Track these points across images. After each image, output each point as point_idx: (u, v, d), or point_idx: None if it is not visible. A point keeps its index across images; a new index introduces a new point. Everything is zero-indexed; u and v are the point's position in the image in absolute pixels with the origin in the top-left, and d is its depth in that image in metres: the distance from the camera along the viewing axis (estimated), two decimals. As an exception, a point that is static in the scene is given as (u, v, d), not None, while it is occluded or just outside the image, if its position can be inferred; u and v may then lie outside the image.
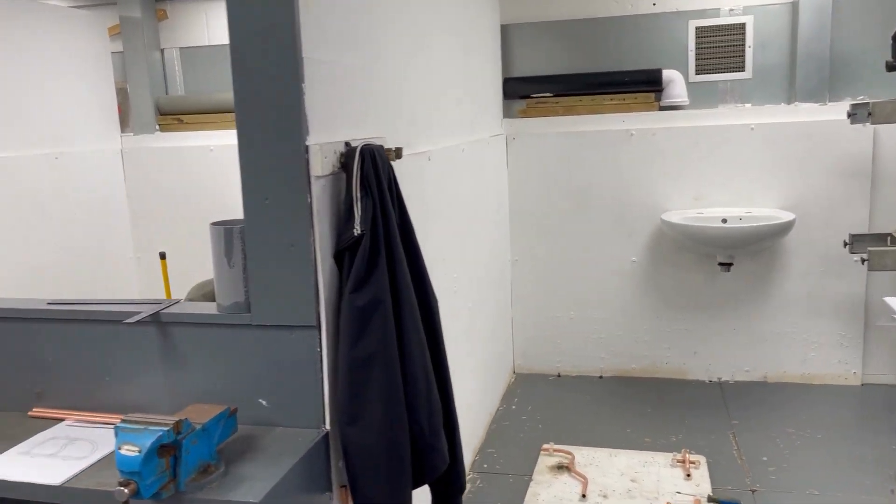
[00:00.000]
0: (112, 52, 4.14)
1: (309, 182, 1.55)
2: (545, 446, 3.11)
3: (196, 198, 4.13)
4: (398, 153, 1.82)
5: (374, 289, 1.57)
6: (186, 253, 4.19)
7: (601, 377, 3.98)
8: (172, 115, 4.23)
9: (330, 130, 1.65)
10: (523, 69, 3.98)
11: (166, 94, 4.32)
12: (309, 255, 1.57)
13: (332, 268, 1.65)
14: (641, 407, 3.57)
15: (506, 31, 3.93)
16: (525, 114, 3.92)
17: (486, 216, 3.49)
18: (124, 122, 4.23)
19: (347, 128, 1.75)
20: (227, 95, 4.31)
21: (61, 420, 1.76)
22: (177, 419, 1.37)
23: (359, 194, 1.60)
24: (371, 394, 1.57)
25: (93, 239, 3.95)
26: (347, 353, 1.57)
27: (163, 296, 3.91)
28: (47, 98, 3.65)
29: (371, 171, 1.61)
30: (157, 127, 4.24)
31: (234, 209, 4.07)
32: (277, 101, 1.54)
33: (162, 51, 4.32)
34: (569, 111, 3.82)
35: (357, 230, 1.58)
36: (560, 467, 2.95)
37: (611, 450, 3.08)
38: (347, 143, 1.68)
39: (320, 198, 1.59)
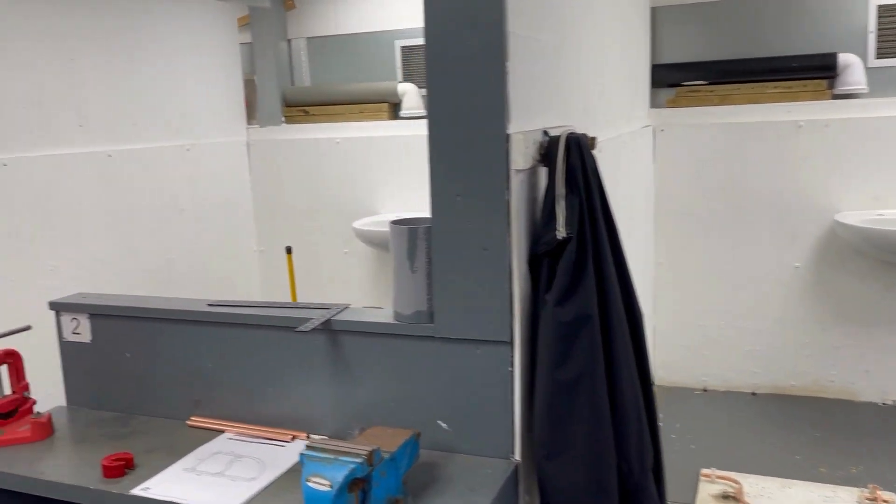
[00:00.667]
0: (240, 43, 4.10)
1: (508, 176, 1.34)
2: (705, 472, 2.80)
3: (321, 191, 4.04)
4: (593, 143, 1.58)
5: (582, 302, 1.34)
6: (310, 247, 4.11)
7: (754, 394, 3.62)
8: (299, 107, 4.15)
9: (527, 117, 1.43)
10: (673, 55, 3.65)
11: (292, 85, 4.25)
12: (504, 261, 1.36)
13: (527, 276, 1.44)
14: (806, 430, 3.20)
15: (655, 15, 3.62)
16: (674, 103, 3.60)
17: (637, 214, 3.21)
18: (250, 114, 4.19)
19: (540, 114, 1.53)
20: (354, 86, 4.22)
21: (221, 432, 1.63)
22: (370, 449, 1.19)
23: (563, 191, 1.37)
24: (575, 424, 1.35)
25: (219, 232, 3.92)
26: (549, 376, 1.35)
27: (286, 290, 3.83)
28: (180, 89, 3.62)
29: (578, 164, 1.38)
30: (283, 119, 4.17)
31: (361, 204, 3.94)
32: (477, 82, 1.33)
33: (289, 41, 4.24)
34: (724, 100, 3.47)
35: (561, 233, 1.35)
36: (726, 497, 2.64)
37: (782, 479, 2.75)
38: (545, 132, 1.46)
39: (518, 195, 1.38)
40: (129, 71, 3.32)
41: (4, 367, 1.68)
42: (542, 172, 1.48)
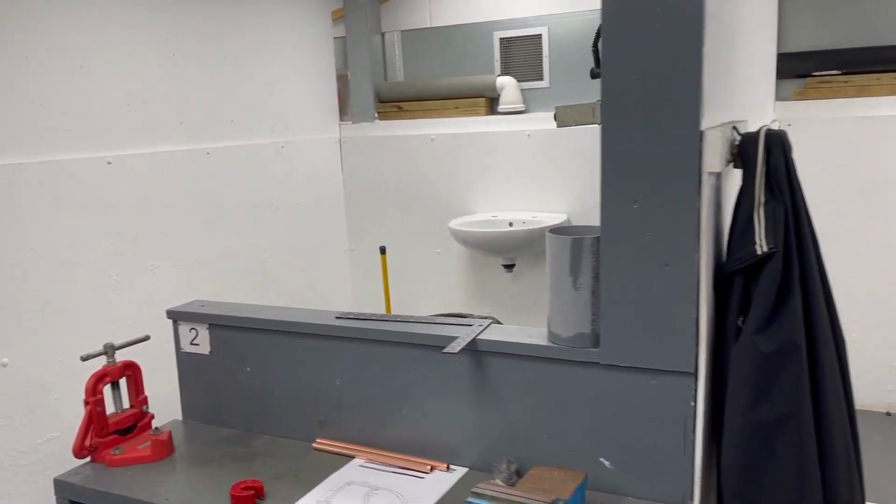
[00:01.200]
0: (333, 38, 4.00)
1: (700, 180, 1.15)
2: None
3: (414, 190, 3.90)
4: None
5: (787, 329, 1.14)
6: (402, 247, 3.99)
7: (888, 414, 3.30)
8: (392, 103, 4.03)
9: (715, 112, 1.23)
10: (800, 43, 3.36)
11: (385, 80, 4.13)
12: (690, 279, 1.17)
13: (711, 296, 1.24)
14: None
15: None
16: (802, 96, 3.30)
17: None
18: (342, 110, 4.09)
19: (723, 108, 1.33)
20: (449, 81, 4.06)
21: (350, 457, 1.50)
22: (552, 499, 1.02)
23: (763, 197, 1.17)
24: (777, 471, 1.15)
25: (311, 231, 3.84)
26: (745, 415, 1.15)
27: (376, 291, 3.71)
28: (275, 84, 3.54)
29: (781, 166, 1.17)
30: (376, 115, 4.05)
31: (456, 204, 3.78)
32: (667, 71, 1.14)
33: (382, 34, 4.12)
34: (862, 92, 3.16)
35: (761, 247, 1.15)
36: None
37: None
38: (735, 128, 1.26)
39: (708, 202, 1.18)
40: (226, 67, 3.25)
41: (123, 380, 1.59)
42: (732, 175, 1.28)
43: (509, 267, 3.63)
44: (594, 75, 2.87)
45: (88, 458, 1.52)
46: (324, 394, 1.53)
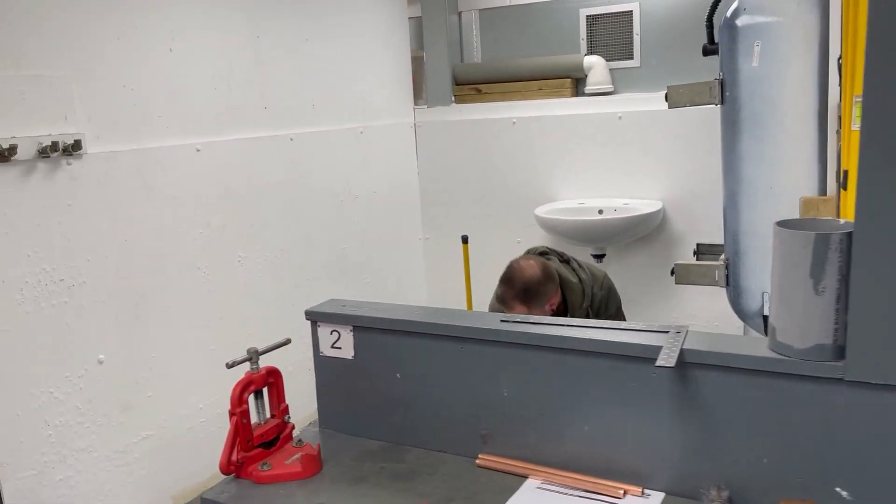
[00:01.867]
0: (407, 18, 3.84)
1: None
2: None
3: (493, 176, 3.74)
4: None
5: None
6: (479, 236, 3.82)
7: None
8: (470, 85, 3.85)
9: None
10: None
11: (462, 61, 3.95)
12: (970, 283, 1.00)
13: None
14: None
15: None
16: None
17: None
18: (417, 94, 3.93)
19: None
20: (532, 61, 3.86)
21: (521, 477, 1.35)
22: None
23: None
24: None
25: (387, 220, 3.70)
26: None
27: (452, 282, 3.56)
28: (352, 67, 3.39)
29: None
30: (453, 98, 3.88)
31: (538, 190, 3.60)
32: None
33: (459, 14, 3.94)
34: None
35: None
36: None
37: None
38: None
39: None
40: (306, 48, 3.11)
41: (265, 389, 1.46)
42: None
43: (599, 257, 3.45)
44: (707, 52, 2.67)
45: (233, 475, 1.39)
46: (488, 405, 1.39)
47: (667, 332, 1.25)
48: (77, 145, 2.14)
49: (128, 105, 2.36)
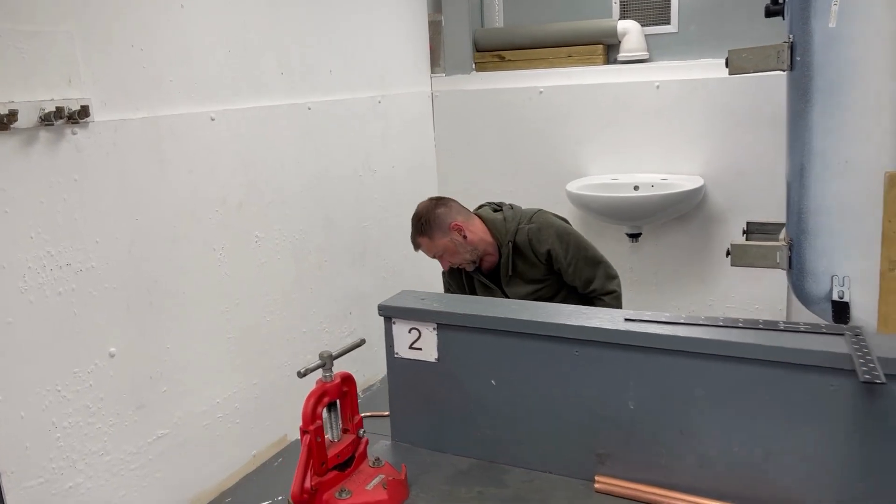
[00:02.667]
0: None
1: None
2: None
3: (517, 149, 3.51)
4: None
5: None
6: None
7: None
8: (492, 52, 3.60)
9: None
10: None
11: (483, 26, 3.69)
12: None
13: None
14: None
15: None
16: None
17: None
18: (434, 61, 3.67)
19: None
20: (561, 26, 3.53)
21: None
22: None
23: None
24: None
25: (404, 196, 3.45)
26: None
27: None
28: (368, 32, 3.13)
29: None
30: (474, 66, 3.63)
31: (565, 164, 3.37)
32: None
33: (480, -26, 3.67)
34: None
35: None
36: None
37: None
38: None
39: None
40: (320, 10, 2.83)
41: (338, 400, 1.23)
42: None
43: (635, 236, 3.25)
44: (771, 13, 2.45)
45: None
46: (609, 418, 1.18)
47: (841, 334, 1.04)
48: (84, 112, 1.87)
49: (136, 67, 2.08)
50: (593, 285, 2.45)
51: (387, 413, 1.21)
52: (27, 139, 1.79)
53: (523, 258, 2.46)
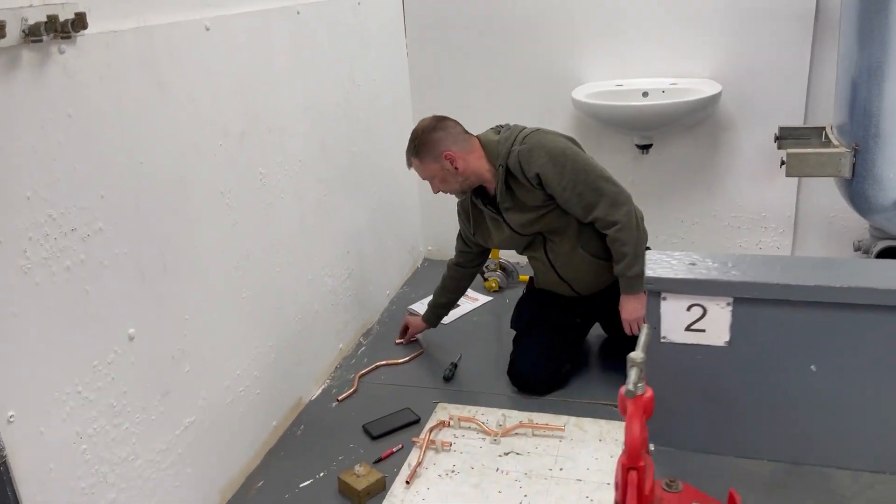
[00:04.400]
0: None
1: None
2: None
3: (504, 51, 3.16)
4: None
5: None
6: (488, 124, 3.26)
7: None
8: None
9: None
10: None
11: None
12: None
13: None
14: None
15: None
16: None
17: None
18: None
19: None
20: None
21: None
22: None
23: None
24: None
25: (382, 111, 3.06)
26: None
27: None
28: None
29: None
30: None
31: (566, 71, 3.09)
32: None
33: None
34: None
35: None
36: None
37: None
38: None
39: None
40: None
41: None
42: None
43: (645, 147, 3.04)
44: None
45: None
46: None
47: None
48: (80, 21, 1.36)
49: (120, -41, 1.56)
50: (594, 213, 2.15)
51: (401, 360, 0.92)
52: (9, 62, 1.28)
53: (518, 183, 2.18)
